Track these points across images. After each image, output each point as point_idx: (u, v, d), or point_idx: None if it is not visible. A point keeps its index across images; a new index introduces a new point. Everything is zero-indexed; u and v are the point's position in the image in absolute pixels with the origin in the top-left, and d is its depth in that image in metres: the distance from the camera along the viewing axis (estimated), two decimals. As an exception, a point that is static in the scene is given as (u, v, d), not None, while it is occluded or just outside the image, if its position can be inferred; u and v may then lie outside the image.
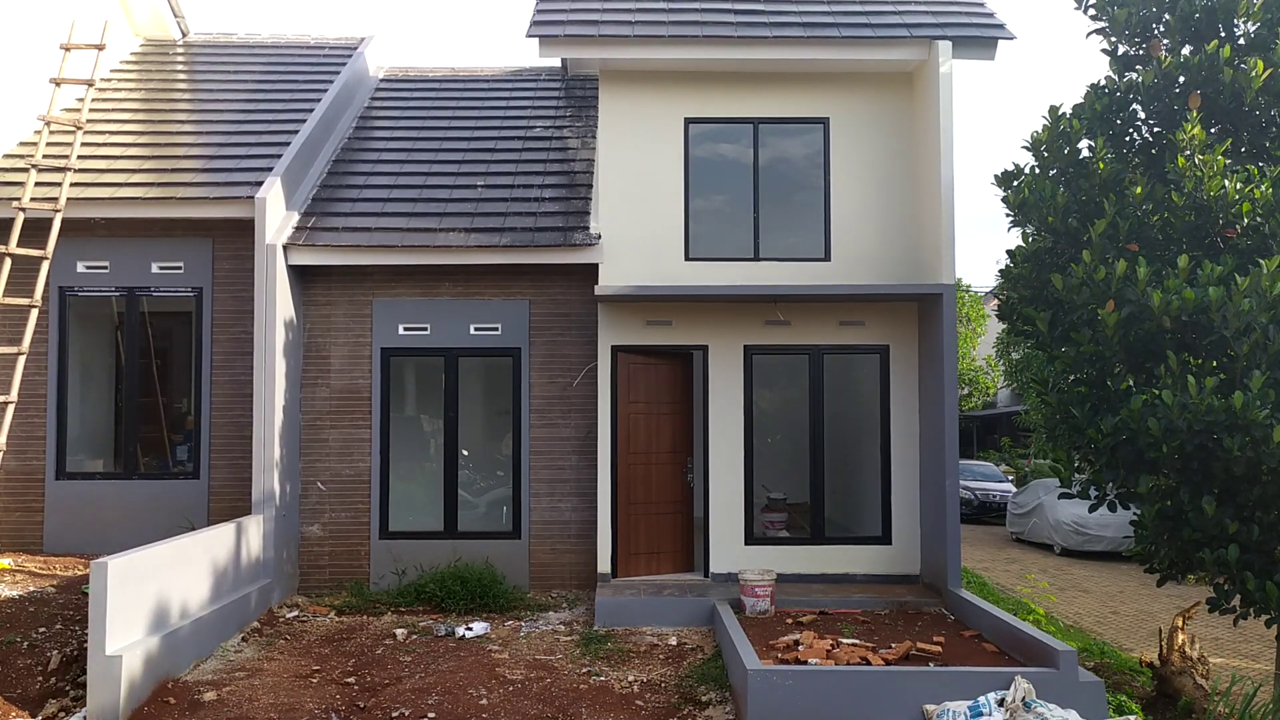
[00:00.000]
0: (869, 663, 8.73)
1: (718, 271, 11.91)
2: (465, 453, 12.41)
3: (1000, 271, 10.76)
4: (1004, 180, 10.37)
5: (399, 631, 10.40)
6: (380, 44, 16.94)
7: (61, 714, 8.06)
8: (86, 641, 8.25)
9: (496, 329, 12.28)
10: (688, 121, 12.11)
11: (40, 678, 8.48)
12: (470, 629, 10.41)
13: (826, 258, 12.00)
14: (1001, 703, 7.86)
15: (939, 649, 9.23)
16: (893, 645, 9.31)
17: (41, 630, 9.15)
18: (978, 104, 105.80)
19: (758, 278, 11.88)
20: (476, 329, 12.28)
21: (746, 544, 11.86)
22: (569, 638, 10.31)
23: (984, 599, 11.21)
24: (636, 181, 11.99)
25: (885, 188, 12.08)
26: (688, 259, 11.99)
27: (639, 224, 11.95)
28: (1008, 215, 10.31)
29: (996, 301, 11.64)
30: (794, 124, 12.18)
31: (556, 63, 16.10)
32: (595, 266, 11.94)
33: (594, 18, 11.98)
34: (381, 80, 16.38)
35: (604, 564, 11.68)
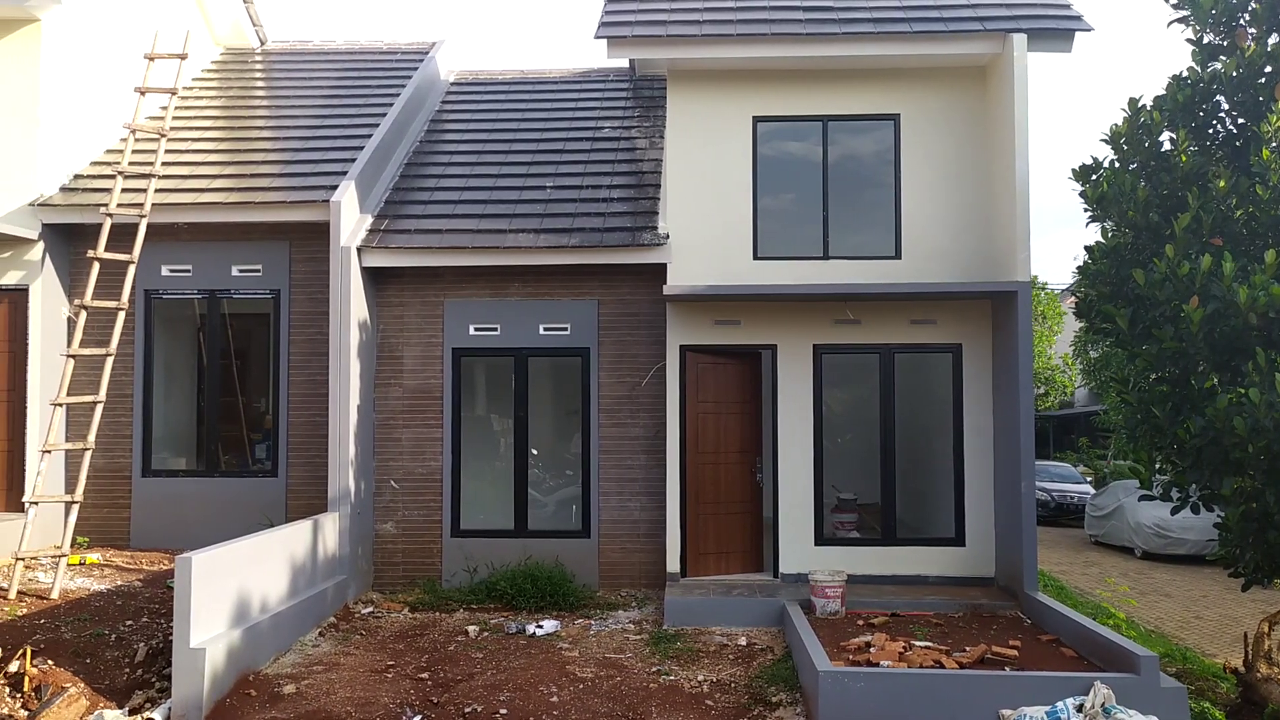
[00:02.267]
0: (943, 666, 8.61)
1: (786, 270, 11.84)
2: (534, 452, 12.52)
3: (1078, 268, 10.53)
4: (1082, 174, 10.15)
5: (471, 628, 10.52)
6: (451, 48, 17.18)
7: (148, 705, 8.30)
8: (171, 634, 8.48)
9: (565, 329, 12.36)
10: (756, 120, 12.06)
11: (127, 669, 8.74)
12: (541, 627, 10.49)
13: (897, 255, 11.87)
14: (1080, 708, 7.69)
15: (1015, 653, 9.07)
16: (967, 648, 9.17)
17: (129, 623, 9.44)
18: (1053, 96, 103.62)
19: (827, 276, 11.79)
20: (545, 329, 12.37)
21: (816, 544, 11.77)
22: (638, 637, 10.34)
23: (1062, 602, 10.99)
24: (704, 181, 11.98)
25: (958, 184, 11.90)
26: (756, 258, 11.94)
27: (707, 223, 11.94)
28: (1086, 210, 10.08)
29: (1074, 299, 11.40)
30: (864, 121, 12.06)
31: (624, 63, 16.14)
32: (663, 266, 11.95)
33: (661, 18, 12.00)
34: (452, 84, 16.59)
35: (673, 563, 11.69)
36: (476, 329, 12.42)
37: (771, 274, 11.81)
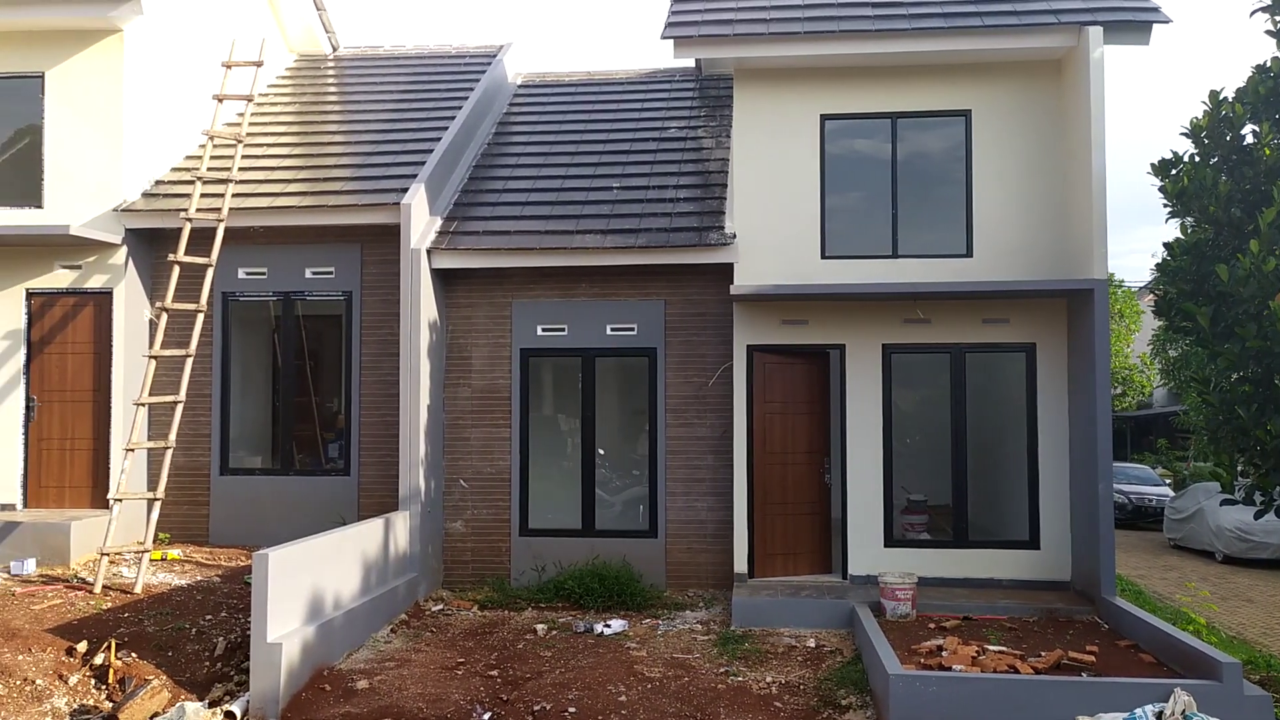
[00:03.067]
0: (1017, 671, 8.46)
1: (855, 269, 11.73)
2: (601, 451, 12.56)
3: (1157, 265, 10.29)
4: (1161, 169, 9.90)
5: (539, 627, 10.60)
6: (518, 51, 17.30)
7: (226, 698, 8.50)
8: (249, 629, 8.67)
9: (632, 329, 12.38)
10: (823, 118, 11.96)
11: (207, 663, 8.97)
12: (609, 626, 10.53)
13: (968, 253, 11.69)
14: (1160, 716, 7.50)
15: (1092, 659, 8.88)
16: (1042, 653, 9.00)
17: (208, 617, 9.68)
18: (1129, 88, 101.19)
19: (896, 275, 11.65)
20: (613, 329, 12.41)
21: (886, 546, 11.64)
22: (706, 637, 10.32)
23: (1140, 607, 10.73)
24: (772, 180, 11.91)
25: (1031, 180, 11.68)
26: (824, 257, 11.85)
27: (774, 222, 11.87)
28: (1165, 206, 9.83)
29: (1152, 296, 11.13)
30: (934, 117, 11.90)
31: (690, 63, 16.12)
32: (730, 266, 11.91)
33: (728, 17, 11.96)
34: (519, 86, 16.73)
35: (740, 564, 11.65)
36: (544, 329, 12.50)
37: (839, 273, 11.71)
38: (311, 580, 9.18)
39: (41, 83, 12.62)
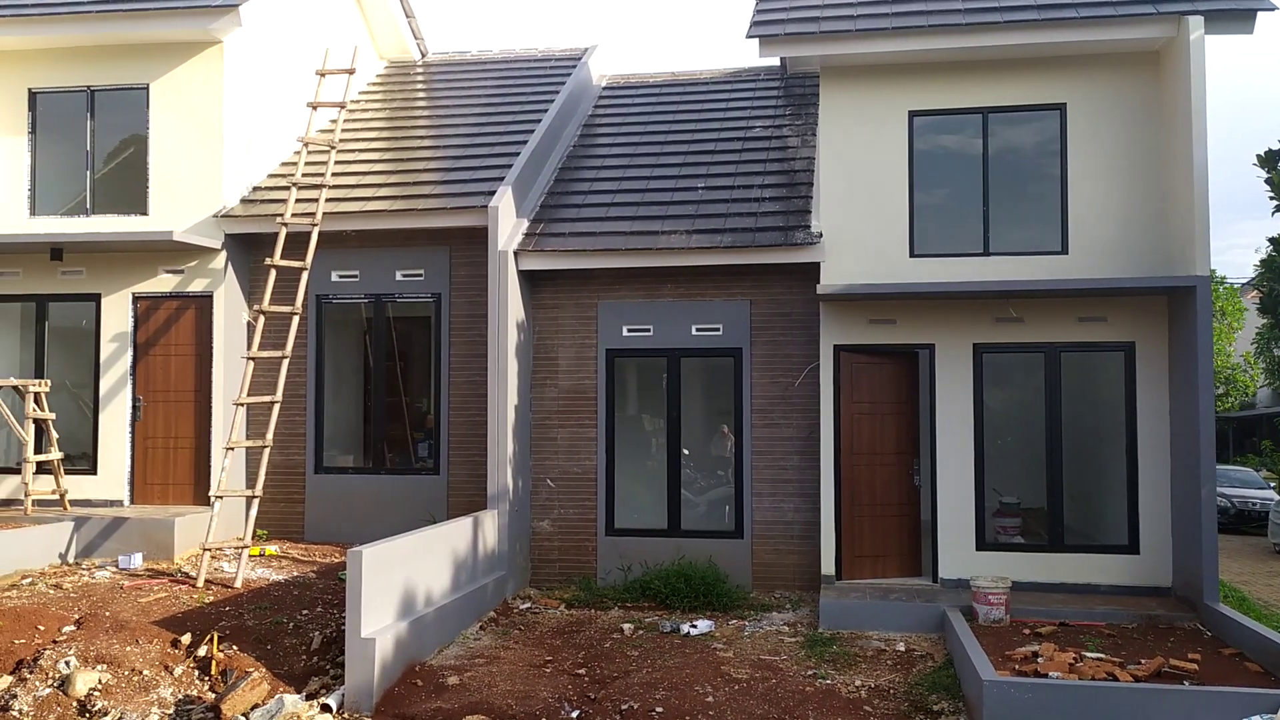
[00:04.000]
0: (1116, 679, 8.23)
1: (944, 268, 11.54)
2: (686, 452, 12.56)
3: (1261, 261, 9.93)
4: (1268, 161, 9.56)
5: (626, 626, 10.64)
6: (603, 53, 17.40)
7: (323, 691, 8.70)
8: (344, 624, 8.87)
9: (718, 329, 12.36)
10: (912, 114, 11.79)
11: (304, 656, 9.20)
12: (695, 626, 10.52)
13: (1063, 250, 11.41)
14: (1269, 729, 7.23)
15: (1195, 667, 8.60)
16: (1142, 661, 8.74)
17: (305, 612, 9.92)
18: (1232, 75, 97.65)
19: (987, 273, 11.43)
20: (698, 329, 12.40)
21: (977, 549, 11.43)
22: (793, 639, 10.25)
23: (1244, 614, 10.35)
24: (858, 178, 11.78)
25: (1129, 174, 11.35)
26: (913, 255, 11.67)
27: (861, 221, 11.74)
28: (1271, 199, 9.49)
29: (1256, 293, 10.72)
30: (1026, 111, 11.64)
31: (775, 62, 16.03)
32: (817, 265, 11.81)
33: (814, 14, 11.86)
34: (604, 88, 16.82)
35: (828, 566, 11.55)
36: (629, 330, 12.55)
37: (929, 271, 11.53)
38: (403, 577, 9.35)
39: (147, 94, 13.09)
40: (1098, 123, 11.43)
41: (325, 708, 8.36)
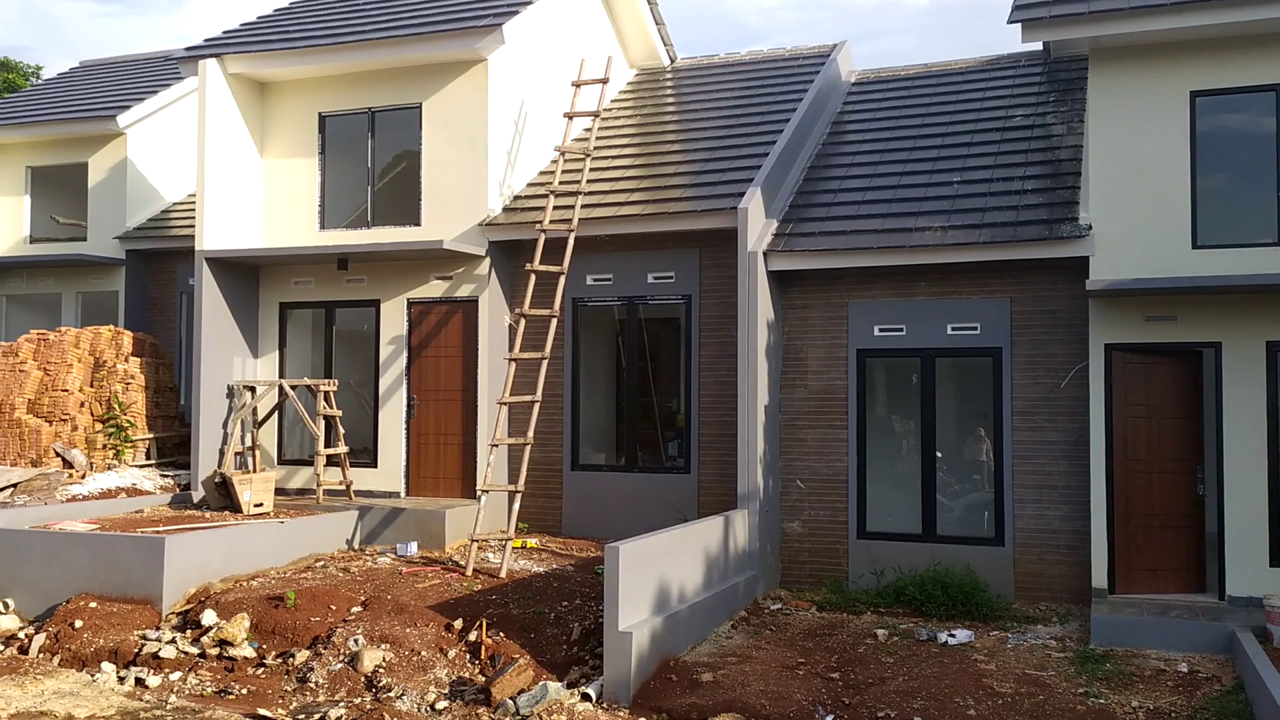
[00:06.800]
0: None
1: (1231, 259, 10.59)
2: (939, 454, 12.16)
3: None
4: None
5: (879, 632, 10.42)
6: (851, 49, 17.13)
7: (582, 680, 9.03)
8: (601, 617, 9.18)
9: (975, 328, 11.89)
10: (1193, 95, 10.90)
11: (564, 646, 9.58)
12: (953, 636, 10.17)
13: (1375, 237, 10.23)
14: None
15: None
16: None
17: (564, 604, 10.33)
18: None
19: (1283, 264, 10.42)
20: (953, 329, 11.98)
21: (1271, 565, 10.41)
22: (1061, 654, 9.72)
23: None
24: (1132, 165, 11.01)
25: None
26: (1195, 247, 10.79)
27: (1135, 212, 10.96)
28: None
29: None
30: (1331, 84, 10.52)
31: (1037, 46, 15.22)
32: (1085, 260, 11.12)
33: (1081, -7, 11.19)
34: (853, 84, 16.55)
35: (1099, 578, 10.86)
36: (881, 329, 12.28)
37: (1214, 264, 10.62)
38: (658, 573, 9.56)
39: (419, 113, 14.03)
40: None
41: (585, 696, 8.67)
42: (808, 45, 17.24)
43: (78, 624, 10.11)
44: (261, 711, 8.53)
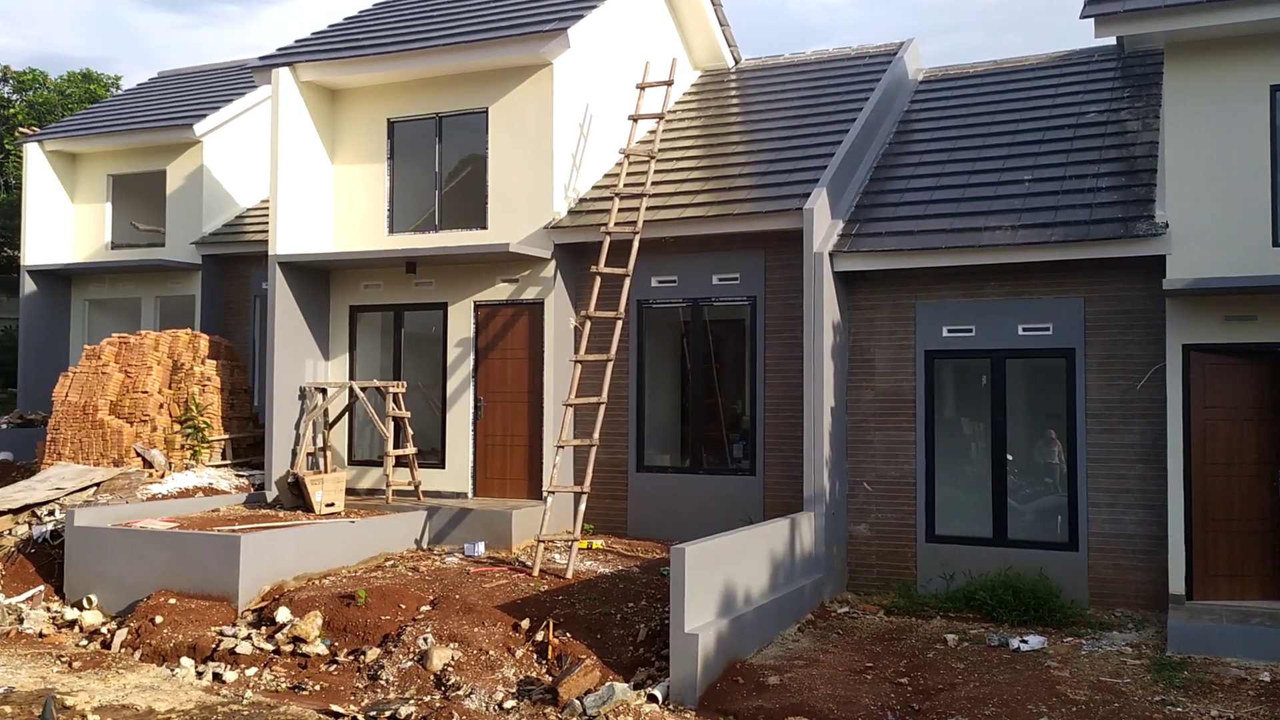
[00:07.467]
0: None
1: (1316, 257, 10.29)
2: (1010, 457, 11.97)
3: None
4: None
5: (949, 637, 10.29)
6: (919, 47, 16.93)
7: (649, 681, 9.05)
8: (667, 618, 9.19)
9: (1047, 329, 11.68)
10: (1273, 89, 10.59)
11: (631, 647, 9.61)
12: (1025, 642, 10.01)
13: None
14: None
15: None
16: None
17: (630, 605, 10.36)
18: None
19: (1372, 261, 10.08)
20: (1024, 329, 11.78)
21: (1360, 574, 10.10)
22: (1137, 661, 9.51)
23: None
24: (1210, 161, 10.73)
25: None
26: (1275, 244, 10.49)
27: (1213, 209, 10.68)
28: None
29: None
30: None
31: (1110, 41, 14.91)
32: (1161, 258, 10.86)
33: (1157, -14, 10.94)
34: (920, 83, 16.36)
35: (1176, 584, 10.60)
36: (949, 330, 12.13)
37: (1297, 261, 10.33)
38: (724, 575, 9.54)
39: (486, 117, 14.18)
40: None
41: (651, 698, 8.69)
42: (874, 44, 17.07)
43: (158, 620, 10.40)
44: (334, 707, 8.69)
